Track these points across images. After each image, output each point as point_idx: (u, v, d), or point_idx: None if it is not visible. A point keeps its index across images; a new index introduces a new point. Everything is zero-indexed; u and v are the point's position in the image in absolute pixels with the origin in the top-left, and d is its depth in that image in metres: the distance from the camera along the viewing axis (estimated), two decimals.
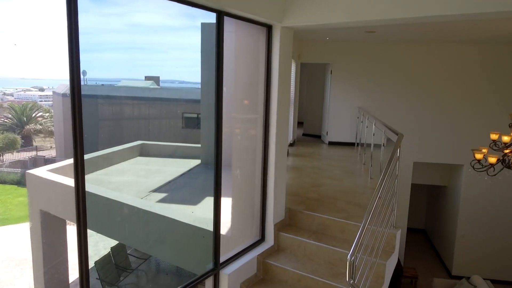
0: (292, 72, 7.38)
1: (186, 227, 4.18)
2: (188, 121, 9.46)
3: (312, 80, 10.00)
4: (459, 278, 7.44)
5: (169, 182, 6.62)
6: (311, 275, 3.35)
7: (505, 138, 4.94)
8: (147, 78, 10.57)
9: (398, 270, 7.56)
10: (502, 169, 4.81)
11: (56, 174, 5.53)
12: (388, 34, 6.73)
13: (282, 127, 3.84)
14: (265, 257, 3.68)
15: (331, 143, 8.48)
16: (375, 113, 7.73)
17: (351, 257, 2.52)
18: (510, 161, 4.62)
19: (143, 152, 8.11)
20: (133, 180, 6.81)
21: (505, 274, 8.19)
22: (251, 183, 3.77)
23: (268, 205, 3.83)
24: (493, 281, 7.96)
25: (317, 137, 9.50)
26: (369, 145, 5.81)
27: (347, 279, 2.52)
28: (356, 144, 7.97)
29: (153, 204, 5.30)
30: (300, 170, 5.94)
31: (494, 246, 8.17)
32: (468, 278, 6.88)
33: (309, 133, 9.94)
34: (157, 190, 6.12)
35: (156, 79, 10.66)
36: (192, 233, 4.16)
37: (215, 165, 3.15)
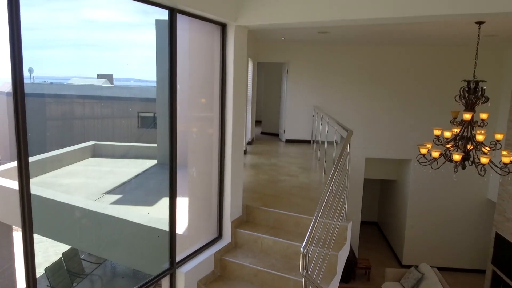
0: (249, 71, 7.45)
1: (141, 228, 4.11)
2: (144, 120, 9.26)
3: (269, 79, 10.15)
4: (409, 267, 7.88)
5: (124, 183, 6.45)
6: (267, 269, 3.42)
7: (447, 134, 5.31)
8: (100, 76, 10.20)
9: (353, 261, 7.89)
10: (444, 162, 5.17)
11: (1, 177, 5.21)
12: (340, 35, 6.98)
13: (238, 125, 3.88)
14: (223, 254, 3.70)
15: (288, 141, 8.66)
16: (330, 111, 7.99)
17: (304, 249, 2.61)
18: (452, 155, 4.96)
19: (96, 153, 7.81)
20: (85, 182, 6.55)
21: (450, 261, 8.80)
22: (208, 181, 3.78)
23: (225, 203, 3.86)
24: (440, 268, 8.52)
25: (275, 135, 9.65)
26: (324, 142, 6.01)
27: (301, 271, 2.60)
28: (312, 142, 8.20)
29: (107, 206, 5.14)
30: (258, 168, 6.02)
31: (440, 236, 8.74)
32: (416, 267, 7.31)
33: (267, 132, 10.08)
34: (111, 191, 5.94)
35: (109, 77, 10.31)
36: (148, 234, 4.09)
37: (170, 163, 3.13)
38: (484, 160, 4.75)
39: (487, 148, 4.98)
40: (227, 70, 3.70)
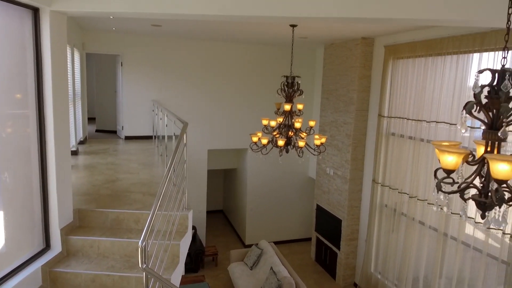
0: (76, 63, 6.77)
1: None
2: None
3: (102, 72, 9.44)
4: (251, 246, 8.64)
5: None
6: (106, 272, 3.25)
7: (273, 123, 5.99)
8: None
9: (200, 250, 8.15)
10: (271, 148, 5.83)
11: None
12: (173, 29, 7.01)
13: (62, 123, 3.51)
14: (52, 266, 3.32)
15: (128, 138, 8.28)
16: (170, 106, 8.00)
17: (142, 243, 2.58)
18: (277, 141, 5.63)
19: None
20: None
21: (284, 234, 10.01)
22: (28, 187, 3.31)
23: (51, 210, 3.45)
24: (276, 242, 9.62)
25: (113, 132, 9.08)
26: (165, 137, 5.98)
27: (140, 265, 2.57)
28: (153, 137, 8.05)
29: None
30: (93, 168, 5.57)
31: (275, 214, 9.84)
32: (257, 244, 8.07)
33: (102, 129, 9.38)
34: None
35: None
36: None
37: None
38: (301, 143, 5.56)
39: (304, 134, 5.84)
40: (43, 61, 3.29)
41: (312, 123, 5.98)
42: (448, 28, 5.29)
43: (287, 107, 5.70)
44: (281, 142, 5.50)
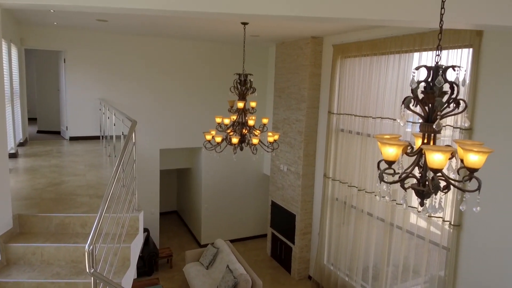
0: (14, 59, 6.31)
1: None
2: None
3: (43, 70, 8.87)
4: (207, 245, 8.56)
5: None
6: (51, 280, 3.06)
7: (226, 121, 5.98)
8: None
9: (154, 253, 7.96)
10: (226, 146, 5.81)
11: None
12: (120, 24, 6.75)
13: None
14: None
15: (73, 138, 7.86)
16: (118, 105, 7.70)
17: (89, 247, 2.47)
18: (231, 139, 5.63)
19: None
20: None
21: (240, 232, 10.04)
22: None
23: None
24: (232, 241, 9.63)
25: (56, 133, 8.58)
26: (113, 136, 5.75)
27: (88, 269, 2.46)
28: (101, 137, 7.71)
29: None
30: (34, 171, 5.23)
31: (231, 212, 9.83)
32: (212, 243, 8.01)
33: (45, 130, 8.83)
34: None
35: None
36: None
37: None
38: (255, 141, 5.60)
39: (257, 131, 5.89)
40: None
41: (265, 121, 6.04)
42: (391, 28, 5.58)
43: (240, 104, 5.71)
44: (235, 140, 5.51)
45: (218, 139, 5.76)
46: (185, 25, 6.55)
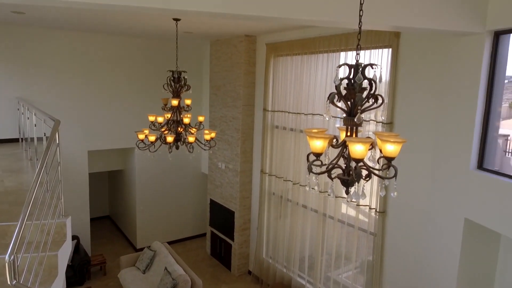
0: None
1: None
2: None
3: None
4: (143, 249, 8.28)
5: None
6: None
7: (160, 119, 5.83)
8: None
9: (85, 261, 7.52)
10: (160, 145, 5.66)
11: None
12: (38, 17, 6.22)
13: None
14: None
15: None
16: (40, 104, 7.11)
17: (9, 258, 2.29)
18: (166, 138, 5.50)
19: None
20: None
21: (179, 233, 9.83)
22: None
23: None
24: (170, 242, 9.43)
25: None
26: (34, 138, 5.31)
27: (9, 281, 2.28)
28: (20, 140, 7.08)
29: None
30: None
31: (168, 213, 9.59)
32: (149, 247, 7.77)
33: None
34: None
35: None
36: None
37: None
38: (191, 139, 5.54)
39: (194, 129, 5.83)
40: None
41: (201, 118, 6.00)
42: (320, 29, 5.85)
43: (175, 102, 5.61)
44: (170, 139, 5.40)
45: (152, 138, 5.59)
46: (113, 19, 6.24)
